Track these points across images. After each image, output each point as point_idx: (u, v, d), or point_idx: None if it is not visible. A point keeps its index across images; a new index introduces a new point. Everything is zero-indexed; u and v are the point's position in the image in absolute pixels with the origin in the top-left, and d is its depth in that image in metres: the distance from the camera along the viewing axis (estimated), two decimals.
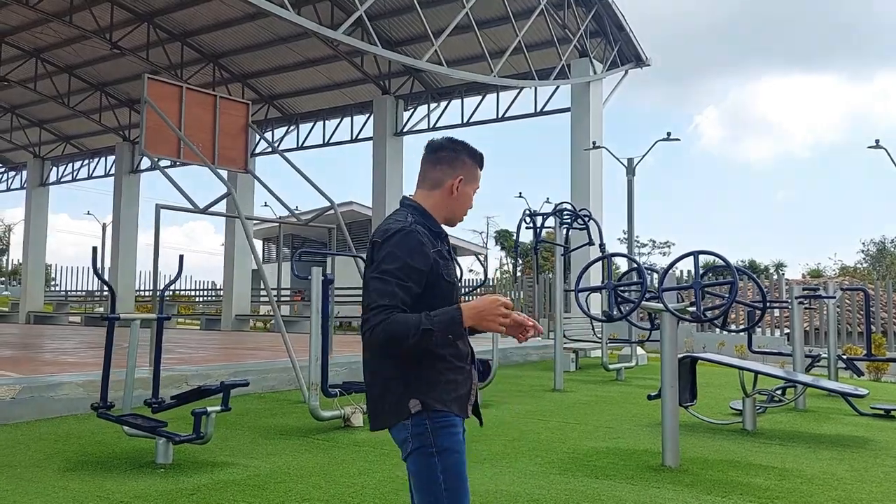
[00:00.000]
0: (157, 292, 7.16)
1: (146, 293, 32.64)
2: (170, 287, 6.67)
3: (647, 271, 6.29)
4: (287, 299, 28.91)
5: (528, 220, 10.76)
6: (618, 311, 5.96)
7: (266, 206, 38.97)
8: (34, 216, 31.69)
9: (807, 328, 18.96)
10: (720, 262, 5.78)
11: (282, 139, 25.99)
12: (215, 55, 23.56)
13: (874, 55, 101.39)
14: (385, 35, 20.50)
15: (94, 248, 5.53)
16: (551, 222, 10.99)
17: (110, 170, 29.90)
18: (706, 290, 7.28)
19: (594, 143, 18.40)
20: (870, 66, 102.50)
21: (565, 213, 10.75)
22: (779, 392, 8.70)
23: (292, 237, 35.34)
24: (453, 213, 2.58)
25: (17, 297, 34.26)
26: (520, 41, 17.66)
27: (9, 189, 34.90)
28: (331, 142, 24.96)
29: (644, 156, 17.80)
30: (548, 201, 30.21)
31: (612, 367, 12.14)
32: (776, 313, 19.41)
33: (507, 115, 21.33)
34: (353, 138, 24.38)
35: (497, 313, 2.27)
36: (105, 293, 29.40)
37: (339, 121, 24.83)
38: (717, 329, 15.30)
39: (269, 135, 26.28)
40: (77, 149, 31.28)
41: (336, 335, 14.81)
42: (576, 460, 5.77)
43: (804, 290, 9.51)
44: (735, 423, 7.41)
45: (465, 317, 2.25)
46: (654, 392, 7.21)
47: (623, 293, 6.42)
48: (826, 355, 10.00)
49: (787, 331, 15.30)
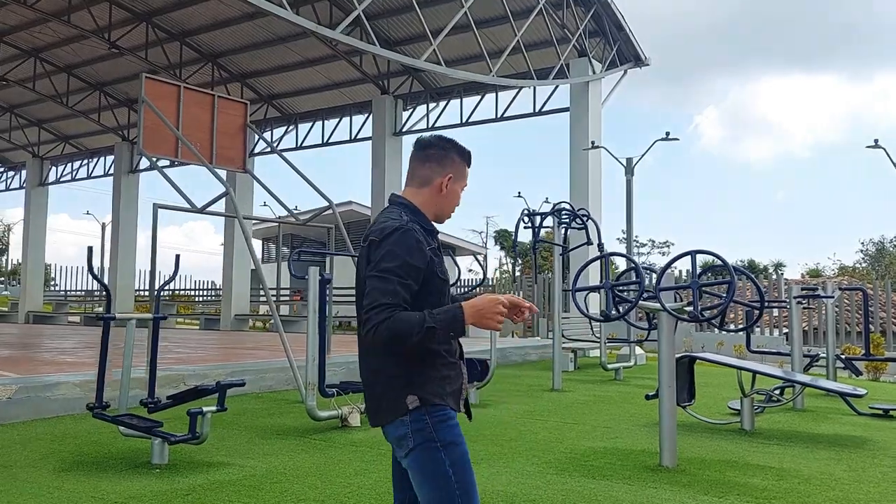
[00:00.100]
0: (154, 292, 7.16)
1: (146, 293, 32.66)
2: (166, 286, 6.65)
3: (644, 271, 6.28)
4: (286, 299, 28.90)
5: (526, 219, 10.74)
6: (615, 310, 5.95)
7: (265, 205, 38.97)
8: (33, 216, 31.69)
9: (805, 328, 18.95)
10: (718, 261, 5.76)
11: (281, 139, 25.97)
12: (214, 55, 23.54)
13: (874, 55, 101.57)
14: (384, 35, 20.49)
15: (90, 248, 5.52)
16: (550, 222, 10.98)
17: (109, 169, 29.89)
18: (704, 289, 7.28)
19: (593, 142, 18.38)
20: (869, 66, 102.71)
21: (564, 212, 10.73)
22: (777, 392, 8.69)
23: (291, 237, 35.33)
24: (442, 210, 2.60)
25: (16, 296, 34.26)
26: (518, 41, 17.64)
27: (8, 189, 34.90)
28: (330, 141, 24.95)
29: (643, 155, 17.79)
30: (547, 201, 30.11)
31: (610, 366, 12.12)
32: (775, 313, 19.39)
33: (506, 115, 21.32)
34: (352, 138, 24.36)
35: (496, 311, 2.31)
36: (104, 292, 29.40)
37: (338, 120, 24.81)
38: (716, 329, 15.29)
39: (268, 134, 26.27)
40: (76, 148, 31.26)
41: (335, 335, 14.82)
42: (573, 460, 5.76)
43: (802, 289, 9.50)
44: (733, 422, 7.39)
45: (465, 315, 2.29)
46: (652, 392, 7.20)
47: (621, 293, 6.40)
48: (825, 355, 9.99)
49: (786, 330, 15.28)
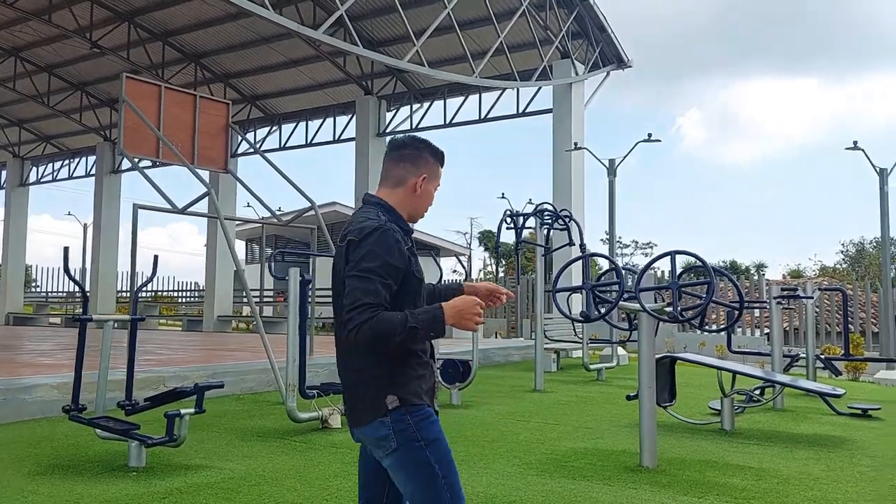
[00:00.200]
0: (132, 293, 7.11)
1: (128, 294, 32.43)
2: (144, 287, 6.59)
3: (624, 271, 6.29)
4: (270, 300, 28.79)
5: (508, 220, 10.75)
6: (596, 311, 5.95)
7: (248, 206, 38.73)
8: (14, 217, 31.38)
9: (786, 328, 19.08)
10: (699, 262, 5.78)
11: (264, 139, 25.85)
12: (197, 55, 23.41)
13: (856, 58, 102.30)
14: (367, 35, 20.44)
15: (66, 249, 5.47)
16: (532, 223, 10.99)
17: (91, 170, 29.66)
18: (685, 290, 7.31)
19: (576, 143, 18.42)
20: (852, 69, 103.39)
21: (546, 213, 10.75)
22: (757, 392, 8.74)
23: (275, 238, 35.17)
24: (416, 209, 2.63)
25: None
26: (502, 42, 17.64)
27: None
28: (313, 142, 24.87)
29: (625, 157, 17.82)
30: (530, 202, 30.09)
31: (592, 367, 12.15)
32: (756, 313, 19.51)
33: (489, 117, 21.33)
34: (336, 139, 24.29)
35: (474, 312, 2.36)
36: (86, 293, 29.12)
37: (321, 121, 24.74)
38: (696, 329, 15.36)
39: (251, 135, 26.16)
40: (57, 149, 30.99)
41: (318, 336, 14.75)
42: (554, 461, 5.76)
43: (782, 290, 9.55)
44: (713, 423, 7.42)
45: (445, 315, 2.32)
46: (634, 392, 7.21)
47: (602, 293, 6.41)
48: (805, 355, 10.06)
49: (767, 331, 15.36)
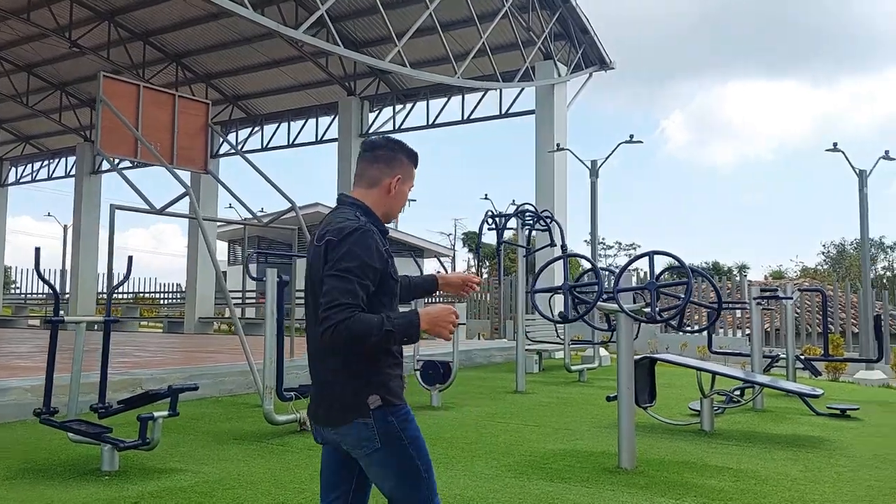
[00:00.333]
0: (116, 295, 7.04)
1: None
2: (118, 288, 6.51)
3: (604, 272, 6.27)
4: (252, 302, 28.62)
5: (489, 221, 10.72)
6: (574, 311, 5.93)
7: (231, 207, 38.54)
8: None
9: (768, 329, 19.16)
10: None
11: (246, 140, 25.68)
12: (178, 55, 23.24)
13: (838, 61, 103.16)
14: (350, 36, 20.38)
15: (37, 249, 5.38)
16: (514, 224, 10.96)
17: (71, 170, 29.41)
18: (664, 290, 7.30)
19: (558, 145, 18.42)
20: (834, 72, 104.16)
21: (527, 214, 10.73)
22: (737, 392, 8.75)
23: (258, 239, 34.99)
24: (391, 209, 2.65)
25: None
26: (484, 43, 17.62)
27: None
28: (296, 143, 24.76)
29: (607, 158, 17.83)
30: (513, 203, 30.13)
31: (574, 368, 12.13)
32: (738, 314, 19.59)
33: (472, 118, 21.32)
34: (319, 139, 24.19)
35: (449, 321, 2.41)
36: (65, 296, 28.89)
37: (304, 122, 24.62)
38: (675, 330, 15.40)
39: (233, 135, 26.01)
40: (37, 149, 30.70)
41: (300, 337, 14.66)
42: (532, 463, 5.73)
43: (762, 291, 9.58)
44: (693, 423, 7.42)
45: (421, 321, 2.36)
46: (614, 393, 7.19)
47: (581, 294, 6.38)
48: (785, 355, 10.09)
49: (749, 331, 15.43)
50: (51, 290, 5.63)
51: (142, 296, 34.12)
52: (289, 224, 12.61)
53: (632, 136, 17.61)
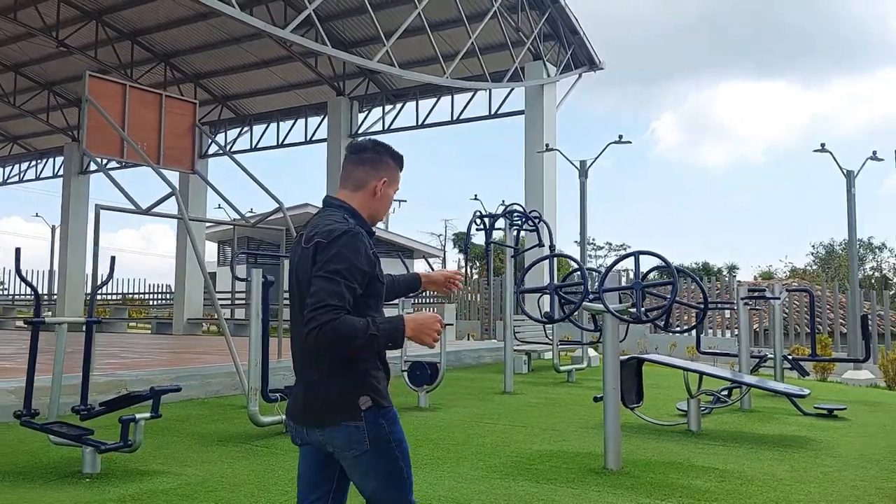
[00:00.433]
0: (105, 296, 6.97)
1: (98, 296, 31.96)
2: (101, 289, 6.45)
3: (590, 272, 6.26)
4: (242, 302, 28.48)
5: (478, 221, 10.70)
6: (560, 311, 5.91)
7: (220, 208, 38.41)
8: None
9: (757, 329, 19.21)
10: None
11: (234, 140, 25.59)
12: (167, 54, 23.13)
13: (829, 62, 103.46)
14: (339, 36, 20.31)
15: (17, 250, 5.33)
16: (502, 224, 10.94)
17: (59, 171, 29.23)
18: (650, 290, 7.28)
19: (547, 145, 18.41)
20: (825, 73, 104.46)
21: (515, 214, 10.71)
22: (724, 393, 8.75)
23: (247, 239, 34.87)
24: (376, 212, 2.65)
25: None
26: (473, 44, 17.60)
27: None
28: (285, 143, 24.69)
29: (596, 158, 17.86)
30: (503, 203, 30.10)
31: (563, 368, 12.11)
32: (727, 314, 19.64)
33: (461, 118, 21.29)
34: (308, 140, 24.13)
35: (434, 329, 2.43)
36: (53, 297, 28.72)
37: (293, 122, 24.55)
38: (662, 330, 15.41)
39: (222, 136, 25.91)
40: (24, 149, 30.51)
41: (287, 338, 14.62)
42: (519, 464, 5.70)
43: (749, 291, 9.58)
44: (680, 424, 7.41)
45: (406, 328, 2.37)
46: (601, 394, 7.18)
47: (568, 294, 6.36)
48: (772, 356, 10.09)
49: (737, 331, 15.45)
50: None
51: (130, 297, 33.96)
52: (277, 224, 12.57)
53: (621, 137, 17.64)
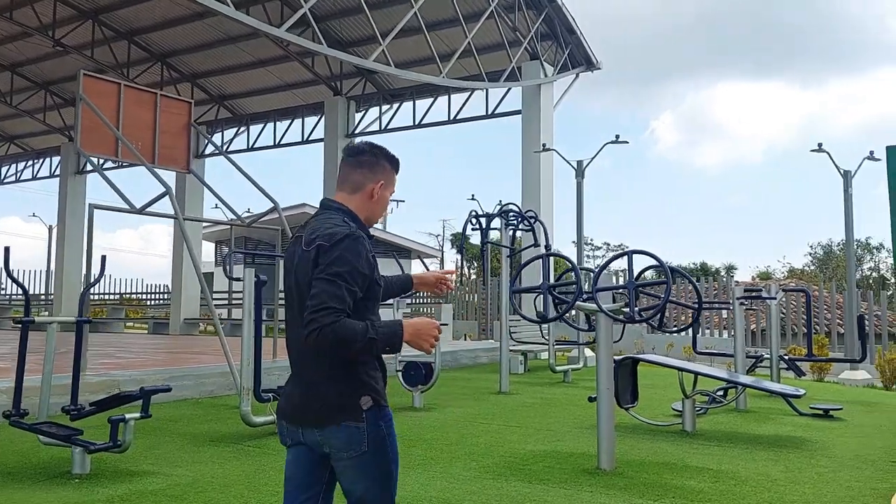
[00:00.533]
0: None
1: (96, 296, 31.96)
2: (91, 288, 6.41)
3: (584, 272, 6.23)
4: (239, 302, 28.43)
5: (473, 221, 10.67)
6: (554, 311, 5.88)
7: (217, 207, 38.36)
8: None
9: (754, 329, 19.19)
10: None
11: (231, 140, 25.56)
12: (163, 54, 23.08)
13: (826, 62, 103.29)
14: (336, 36, 20.28)
15: (6, 249, 5.29)
16: (498, 224, 10.91)
17: (56, 171, 29.18)
18: (644, 290, 7.25)
19: (544, 145, 18.38)
20: (822, 73, 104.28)
21: (511, 214, 10.68)
22: (720, 393, 8.72)
23: (245, 239, 34.82)
24: (373, 214, 2.68)
25: None
26: (470, 43, 17.54)
27: None
28: (282, 143, 24.66)
29: (593, 158, 17.80)
30: (500, 203, 30.09)
31: (559, 369, 12.08)
32: (724, 315, 19.61)
33: (458, 118, 21.26)
34: (305, 139, 24.10)
35: (432, 335, 2.47)
36: (49, 297, 28.68)
37: (290, 122, 24.52)
38: (656, 330, 15.38)
39: (219, 135, 25.87)
40: (21, 149, 30.45)
41: (283, 337, 14.59)
42: (512, 464, 5.67)
43: (745, 291, 9.56)
44: (675, 424, 7.38)
45: (404, 333, 2.41)
46: (596, 394, 7.15)
47: (562, 294, 6.33)
48: (769, 356, 10.07)
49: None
50: (21, 290, 5.53)
51: (128, 297, 33.89)
52: (273, 224, 12.52)
53: (618, 137, 17.59)
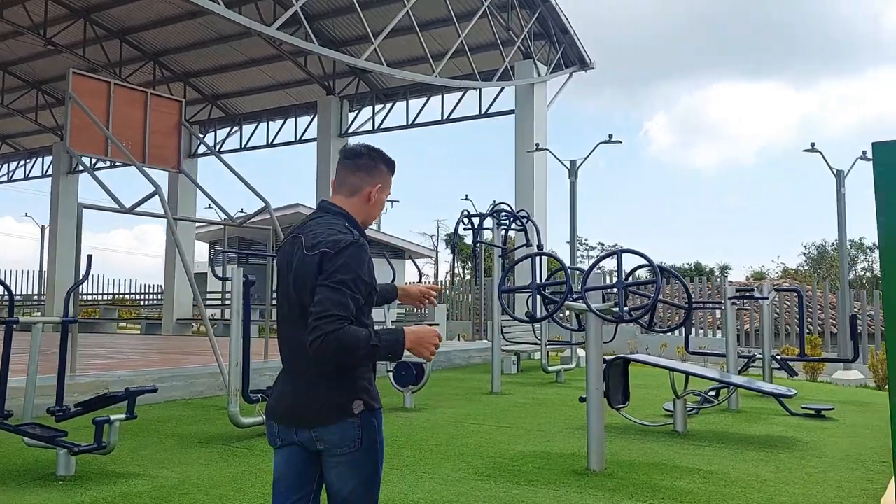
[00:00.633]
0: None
1: (89, 297, 31.85)
2: (77, 288, 6.36)
3: (574, 271, 6.19)
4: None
5: (465, 221, 10.62)
6: (544, 310, 5.84)
7: (210, 207, 38.18)
8: None
9: (748, 329, 19.20)
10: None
11: (224, 140, 25.49)
12: (156, 53, 23.00)
13: (820, 63, 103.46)
14: (329, 35, 20.23)
15: None
16: (490, 223, 10.87)
17: (48, 170, 29.07)
18: (640, 290, 7.23)
19: (537, 144, 18.35)
20: (816, 74, 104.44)
21: (503, 214, 10.64)
22: (712, 393, 8.70)
23: (238, 239, 34.74)
24: (369, 216, 2.71)
25: None
26: (463, 43, 17.51)
27: None
28: (275, 143, 24.59)
29: (586, 158, 17.80)
30: (494, 203, 30.05)
31: (552, 369, 12.05)
32: (717, 314, 19.61)
33: (451, 117, 21.21)
34: (298, 139, 24.04)
35: (432, 342, 2.52)
36: (43, 297, 28.55)
37: (283, 121, 24.45)
38: (645, 330, 15.37)
39: (212, 135, 25.79)
40: (13, 148, 30.33)
41: (274, 338, 14.53)
42: (501, 465, 5.63)
43: (737, 291, 9.54)
44: (667, 424, 7.35)
45: (406, 340, 2.45)
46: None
47: (554, 293, 6.29)
48: (761, 356, 10.05)
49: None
50: (5, 290, 5.47)
51: (121, 297, 33.79)
52: (266, 224, 12.47)
53: (611, 136, 17.60)
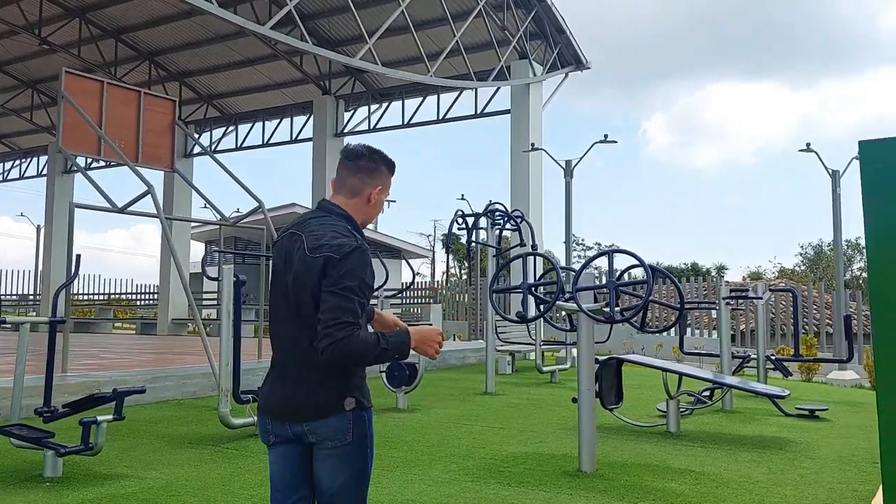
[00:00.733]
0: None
1: (85, 297, 31.79)
2: (65, 287, 6.31)
3: (566, 271, 6.16)
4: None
5: (460, 221, 10.59)
6: (536, 311, 5.81)
7: (206, 207, 38.12)
8: None
9: (743, 329, 19.18)
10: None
11: (220, 140, 25.44)
12: (151, 53, 22.95)
13: (819, 63, 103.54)
14: (325, 34, 20.19)
15: None
16: (484, 223, 10.84)
17: (43, 170, 29.00)
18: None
19: (533, 144, 18.32)
20: (815, 74, 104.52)
21: (497, 213, 10.61)
22: (706, 394, 8.68)
23: (235, 239, 34.69)
24: (368, 217, 2.73)
25: None
26: (459, 42, 17.47)
27: None
28: (270, 142, 24.55)
29: (581, 158, 17.78)
30: (490, 203, 29.99)
31: (546, 369, 12.03)
32: (713, 315, 19.59)
33: (447, 117, 21.19)
34: (293, 139, 24.00)
35: (436, 341, 2.60)
36: (39, 297, 28.46)
37: (278, 121, 24.42)
38: (637, 330, 15.33)
39: (207, 135, 25.75)
40: (9, 148, 30.25)
41: (268, 338, 14.48)
42: (492, 467, 5.60)
43: (732, 291, 9.52)
44: (660, 425, 7.33)
45: (412, 341, 2.52)
46: None
47: (546, 293, 6.26)
48: (756, 356, 10.03)
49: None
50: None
51: (116, 297, 33.72)
52: (259, 224, 12.43)
53: (606, 136, 17.58)
